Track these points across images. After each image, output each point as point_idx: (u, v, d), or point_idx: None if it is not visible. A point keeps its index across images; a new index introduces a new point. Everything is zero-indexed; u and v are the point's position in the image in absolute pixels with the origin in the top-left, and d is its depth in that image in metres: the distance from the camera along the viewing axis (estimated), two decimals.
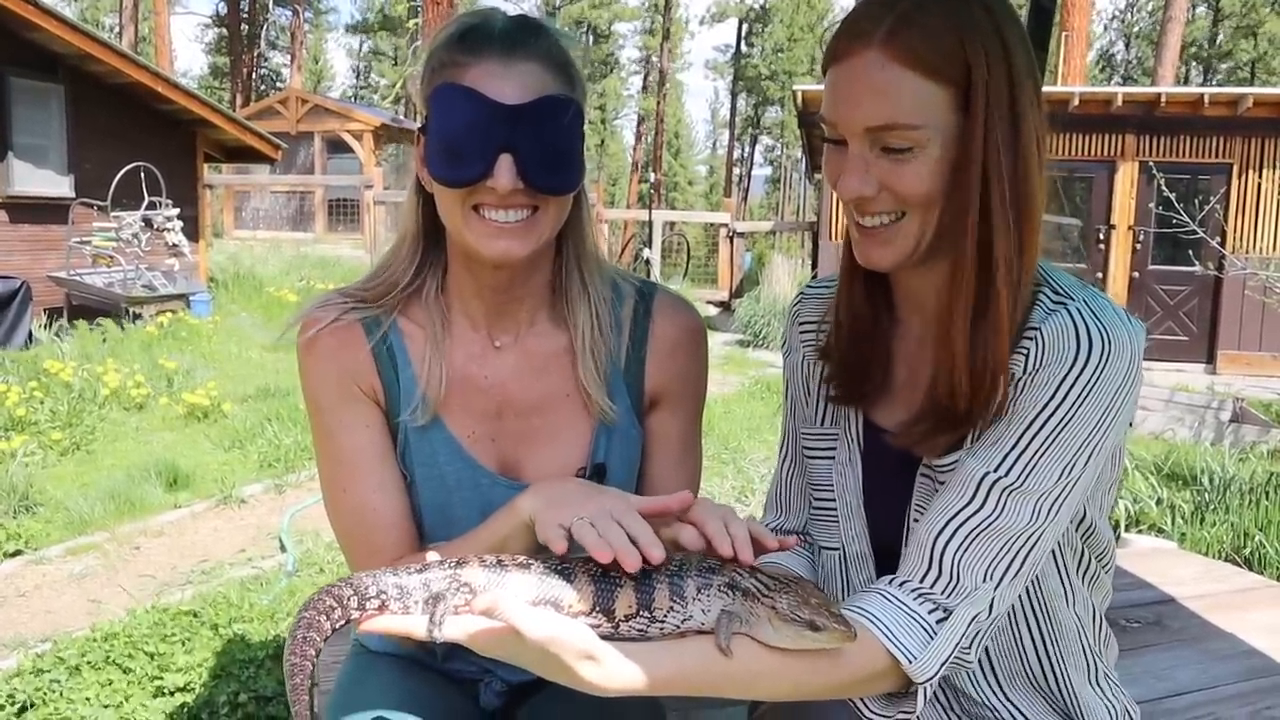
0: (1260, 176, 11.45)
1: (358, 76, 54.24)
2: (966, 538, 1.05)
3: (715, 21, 49.09)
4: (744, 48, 50.27)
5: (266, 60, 43.80)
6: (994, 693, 1.22)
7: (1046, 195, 1.07)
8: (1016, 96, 1.03)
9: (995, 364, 1.05)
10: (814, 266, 13.22)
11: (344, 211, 19.46)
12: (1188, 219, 7.42)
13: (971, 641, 1.05)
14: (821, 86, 1.09)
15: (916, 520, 1.16)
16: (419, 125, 1.23)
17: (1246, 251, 11.06)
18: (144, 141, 11.01)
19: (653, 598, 0.96)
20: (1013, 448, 1.05)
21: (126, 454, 6.02)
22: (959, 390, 1.06)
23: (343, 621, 0.96)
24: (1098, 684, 1.24)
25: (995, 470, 1.05)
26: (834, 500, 1.26)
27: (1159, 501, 4.88)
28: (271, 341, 9.88)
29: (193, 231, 11.73)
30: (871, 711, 1.08)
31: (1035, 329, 1.06)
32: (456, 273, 1.29)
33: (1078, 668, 1.22)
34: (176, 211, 10.80)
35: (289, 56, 38.63)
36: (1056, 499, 1.05)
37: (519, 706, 1.36)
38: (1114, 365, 1.02)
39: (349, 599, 0.96)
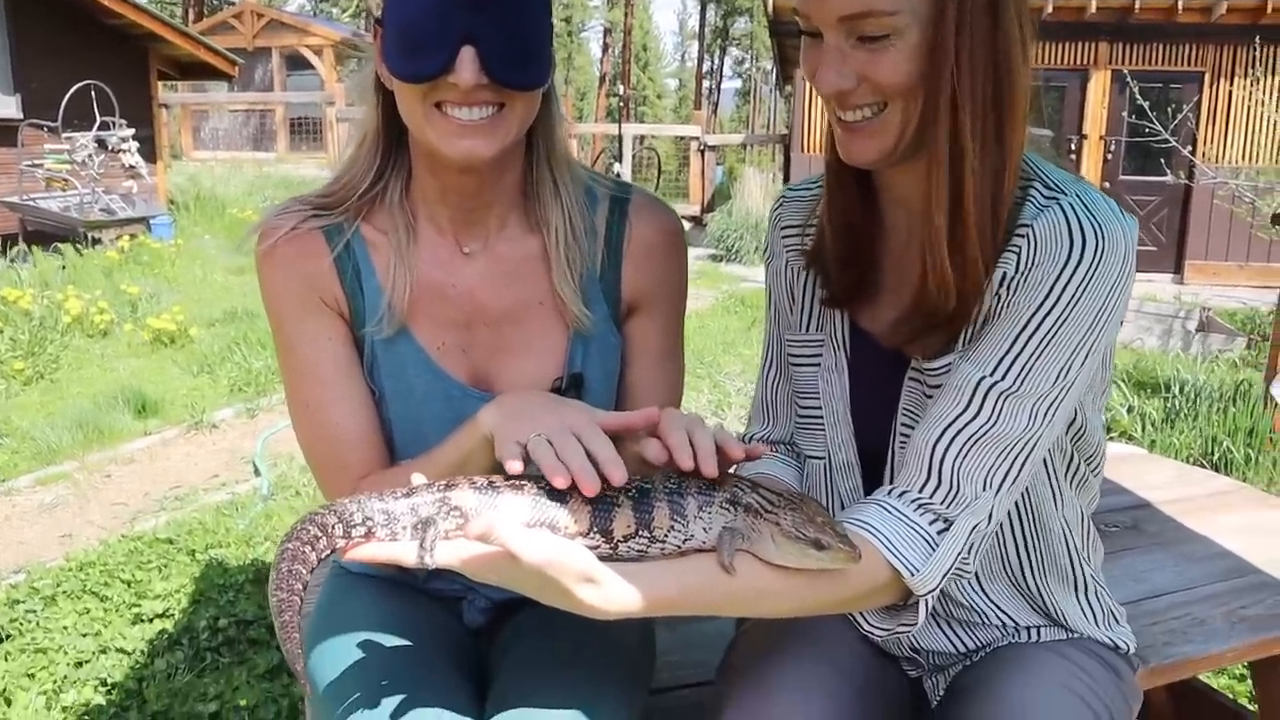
0: (1232, 85, 11.39)
1: None
2: (964, 445, 1.02)
3: None
4: None
5: None
6: (975, 591, 1.22)
7: (1030, 85, 1.02)
8: None
9: (973, 257, 1.02)
10: (786, 180, 13.09)
11: (306, 130, 19.00)
12: (1160, 128, 7.40)
13: (971, 550, 1.03)
14: None
15: (905, 426, 1.14)
16: (376, 17, 1.16)
17: (1217, 161, 11.06)
18: (93, 59, 10.62)
19: (652, 516, 0.93)
20: (1007, 351, 1.02)
21: (92, 382, 5.92)
22: (944, 287, 1.03)
23: (328, 551, 0.92)
24: (1081, 591, 1.24)
25: (991, 375, 1.02)
26: (820, 408, 1.24)
27: (1129, 409, 4.94)
28: (234, 257, 9.71)
29: (150, 153, 11.41)
30: (870, 625, 1.07)
31: (1027, 225, 1.02)
32: (420, 176, 1.23)
33: (1060, 575, 1.22)
34: (131, 132, 10.49)
35: None
36: (1053, 402, 1.02)
37: (504, 623, 1.34)
38: (1108, 262, 0.99)
39: (333, 526, 0.92)
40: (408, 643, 1.20)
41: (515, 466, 0.94)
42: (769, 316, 1.34)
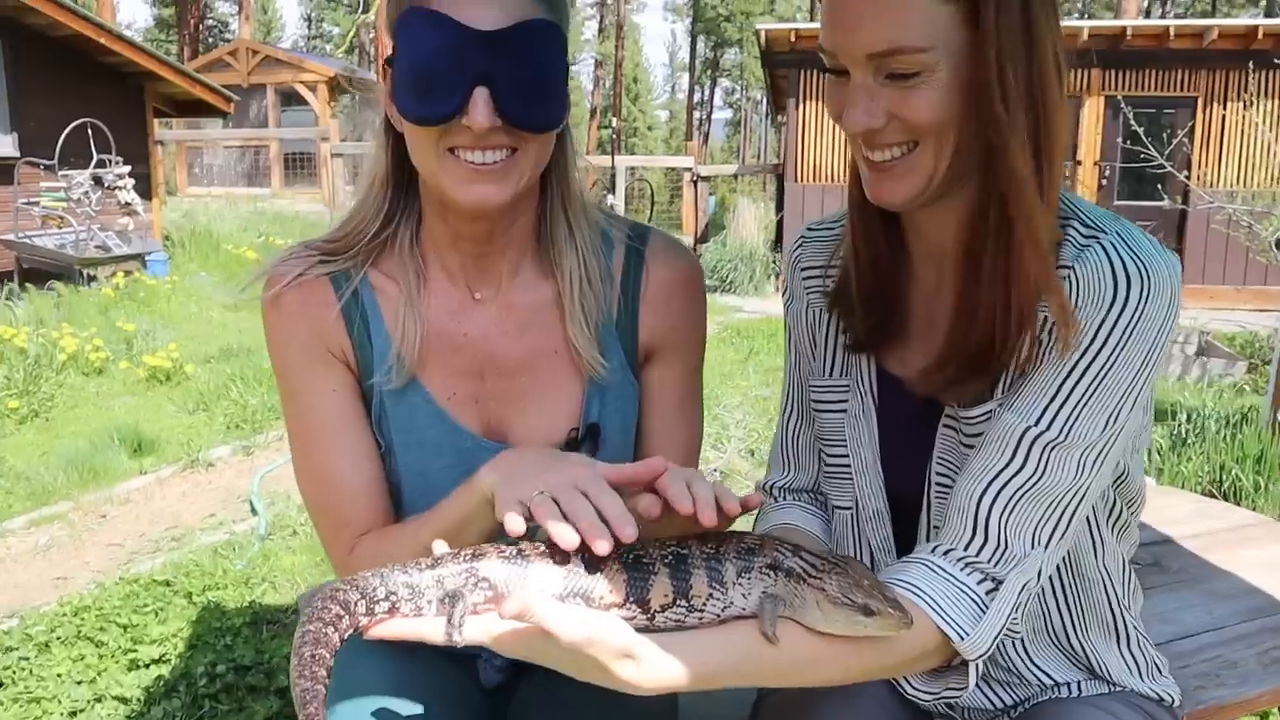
0: (1225, 109, 11.45)
1: (309, 25, 52.94)
2: (1011, 499, 0.98)
3: None
4: None
5: (212, 10, 42.59)
6: (1017, 653, 1.16)
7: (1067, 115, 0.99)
8: (1028, 1, 0.94)
9: (1014, 302, 0.98)
10: (779, 210, 13.11)
11: (300, 165, 19.04)
12: (1155, 153, 7.40)
13: (1019, 610, 0.99)
14: (785, 26, 1.01)
15: (941, 474, 1.09)
16: (385, 57, 1.12)
17: (1212, 185, 11.09)
18: (90, 96, 10.63)
19: (690, 584, 0.89)
20: (1052, 399, 0.98)
21: (87, 420, 5.85)
22: (985, 332, 0.99)
23: (351, 630, 0.87)
24: (1124, 642, 1.19)
25: (1035, 425, 0.98)
26: (847, 456, 1.19)
27: None
28: (233, 299, 9.65)
29: (145, 189, 11.39)
30: (915, 689, 1.02)
31: (1068, 267, 0.98)
32: (431, 221, 1.20)
33: (1103, 627, 1.17)
34: (128, 169, 10.48)
35: (236, 6, 37.51)
36: (1101, 451, 0.98)
37: (521, 681, 1.29)
38: (1155, 303, 0.95)
39: (355, 604, 0.87)
40: (421, 707, 1.15)
41: (517, 527, 0.89)
42: (789, 360, 1.30)
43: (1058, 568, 1.12)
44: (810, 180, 12.35)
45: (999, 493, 0.98)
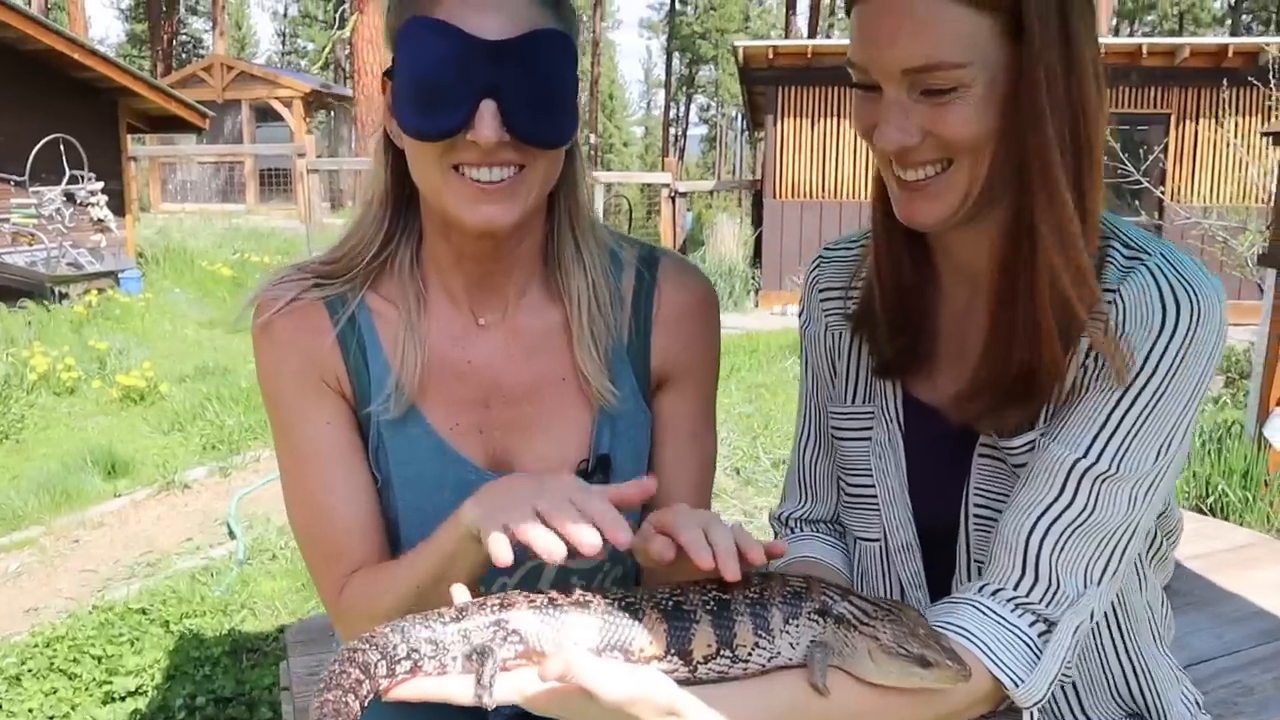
0: (1198, 126, 11.58)
1: (284, 42, 52.77)
2: (1061, 536, 0.94)
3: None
4: (678, 5, 49.80)
5: (186, 26, 42.36)
6: (1066, 700, 1.11)
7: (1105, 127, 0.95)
8: (1068, 14, 0.91)
9: (1052, 327, 0.93)
10: (757, 225, 13.11)
11: (276, 181, 18.91)
12: (1132, 169, 7.45)
13: (1073, 653, 0.94)
14: (763, 43, 0.97)
15: (980, 506, 1.05)
16: (385, 69, 1.07)
17: (1188, 200, 11.19)
18: (62, 111, 10.48)
19: (734, 633, 0.83)
20: (1100, 429, 0.93)
21: (59, 442, 5.73)
22: (1024, 358, 0.94)
23: (371, 695, 0.81)
24: (1170, 682, 1.15)
25: (1084, 457, 0.94)
26: (872, 486, 1.14)
27: None
28: (204, 311, 9.55)
29: (118, 205, 11.23)
30: None
31: (1113, 290, 0.94)
32: (432, 241, 1.14)
33: (1153, 665, 1.12)
34: (100, 185, 10.36)
35: (210, 22, 37.31)
36: (1152, 483, 0.94)
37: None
38: (1205, 328, 0.92)
39: (375, 665, 0.81)
40: None
41: (502, 554, 0.83)
42: (805, 386, 1.25)
43: (1110, 607, 1.08)
44: (789, 196, 12.37)
45: (1049, 529, 0.94)
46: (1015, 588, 0.94)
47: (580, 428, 1.17)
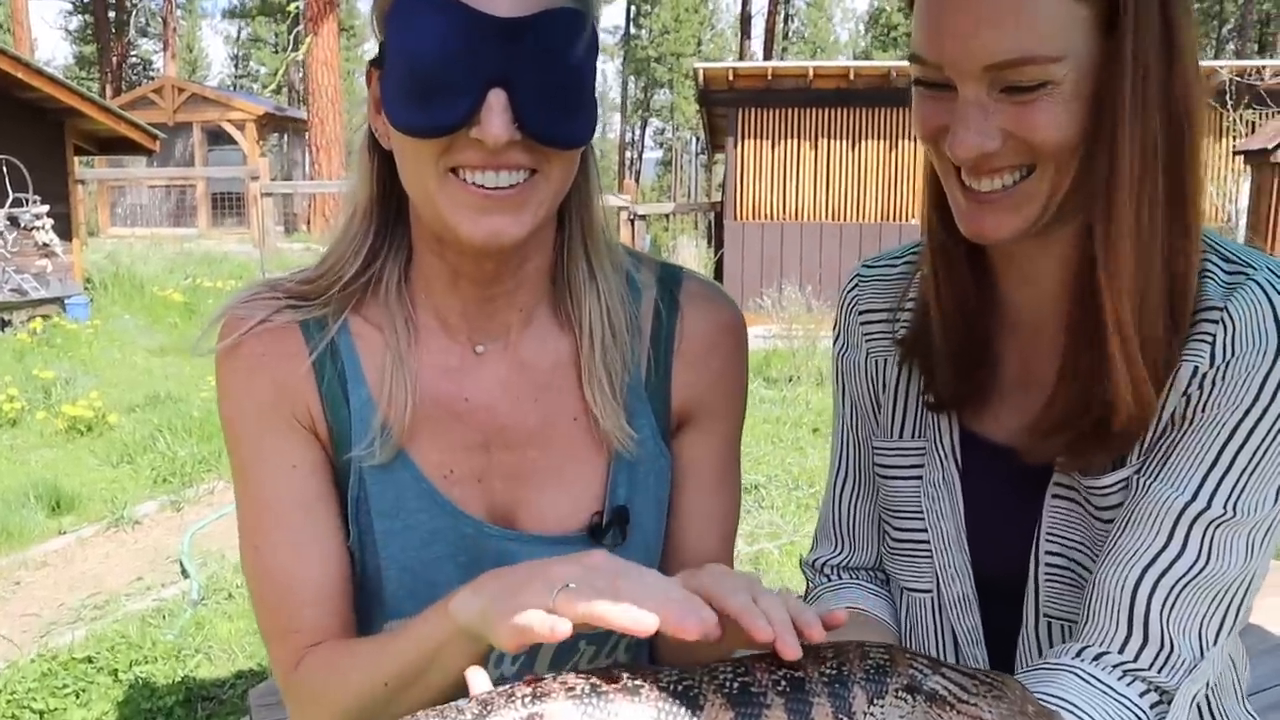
0: None
1: (236, 65, 52.22)
2: (1172, 590, 0.82)
3: (605, 2, 48.83)
4: (632, 29, 50.07)
5: (136, 48, 41.77)
6: None
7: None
8: (1168, 3, 0.81)
9: (1150, 354, 0.83)
10: (718, 248, 13.07)
11: (229, 205, 18.60)
12: None
13: None
14: (723, 65, 0.85)
15: (1053, 554, 0.93)
16: (372, 58, 0.93)
17: None
18: (6, 132, 10.16)
19: (811, 717, 0.70)
20: (1211, 468, 0.83)
21: (1, 476, 5.47)
22: (1105, 393, 0.83)
23: None
24: None
25: (1194, 500, 0.83)
26: (923, 530, 1.03)
27: None
28: (154, 338, 9.28)
29: (65, 229, 10.91)
30: None
31: (1217, 309, 0.84)
32: (424, 258, 1.00)
33: None
34: (46, 209, 10.06)
35: (161, 44, 36.86)
36: (1270, 527, 0.84)
37: None
38: None
39: None
40: None
41: (560, 627, 0.70)
42: (841, 418, 1.13)
43: None
44: (750, 218, 12.35)
45: (1157, 582, 0.83)
46: (1121, 651, 0.83)
47: (593, 475, 1.03)
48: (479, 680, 0.72)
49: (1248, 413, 0.82)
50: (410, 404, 0.98)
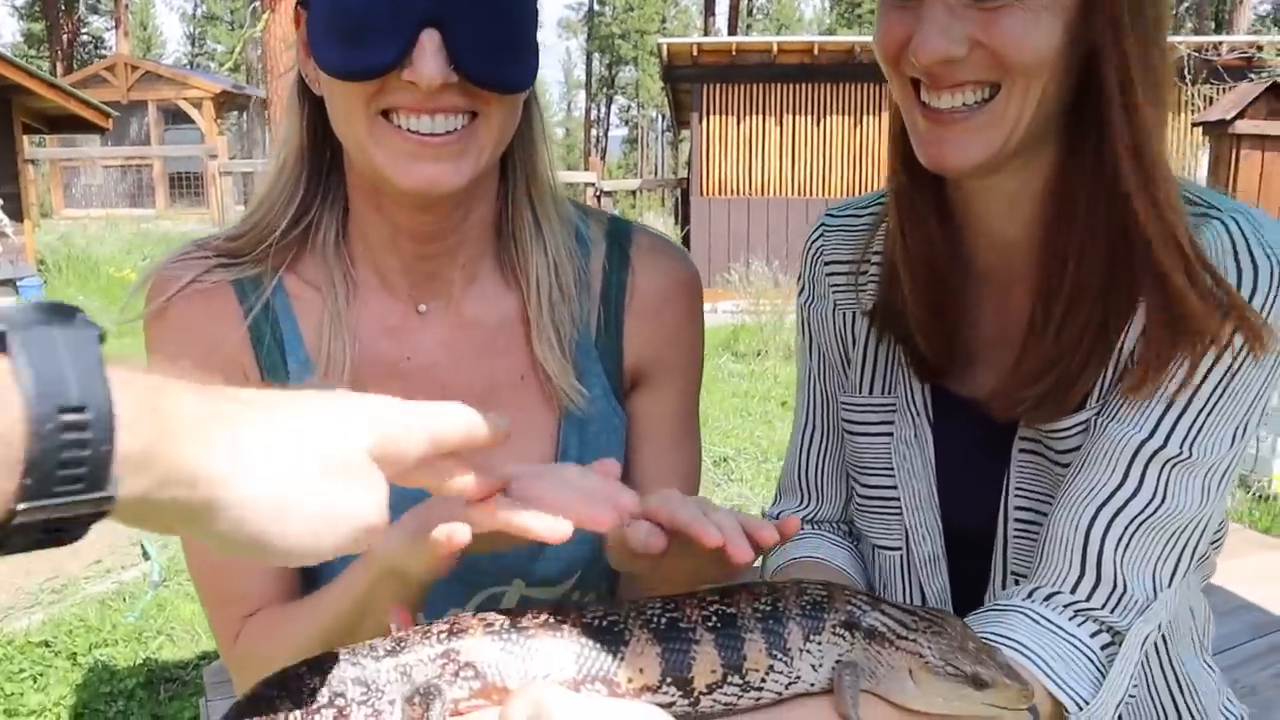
0: None
1: (192, 43, 51.23)
2: (1127, 530, 0.81)
3: None
4: (596, 6, 49.69)
5: (87, 25, 40.87)
6: None
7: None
8: None
9: (1121, 291, 0.82)
10: (685, 224, 13.04)
11: (186, 185, 18.25)
12: None
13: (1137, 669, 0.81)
14: (687, 40, 0.82)
15: (1022, 509, 0.92)
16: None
17: None
18: None
19: (743, 655, 0.68)
20: (1168, 407, 0.81)
21: None
22: (1092, 334, 0.82)
23: None
24: (1220, 696, 1.03)
25: (1151, 438, 0.81)
26: (893, 487, 1.01)
27: None
28: (115, 322, 9.10)
29: (16, 210, 10.68)
30: None
31: None
32: (361, 212, 0.96)
33: (1199, 676, 1.01)
34: None
35: (113, 21, 36.06)
36: (1226, 470, 0.83)
37: None
38: None
39: (286, 718, 0.63)
40: None
41: (459, 534, 0.68)
42: (807, 370, 1.10)
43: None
44: (716, 194, 12.32)
45: (1111, 521, 0.81)
46: (1073, 591, 0.82)
47: (543, 435, 1.01)
48: (398, 620, 0.69)
49: (1206, 354, 0.80)
50: (348, 364, 0.95)
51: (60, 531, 0.43)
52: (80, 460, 0.41)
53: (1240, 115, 6.80)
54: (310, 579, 1.00)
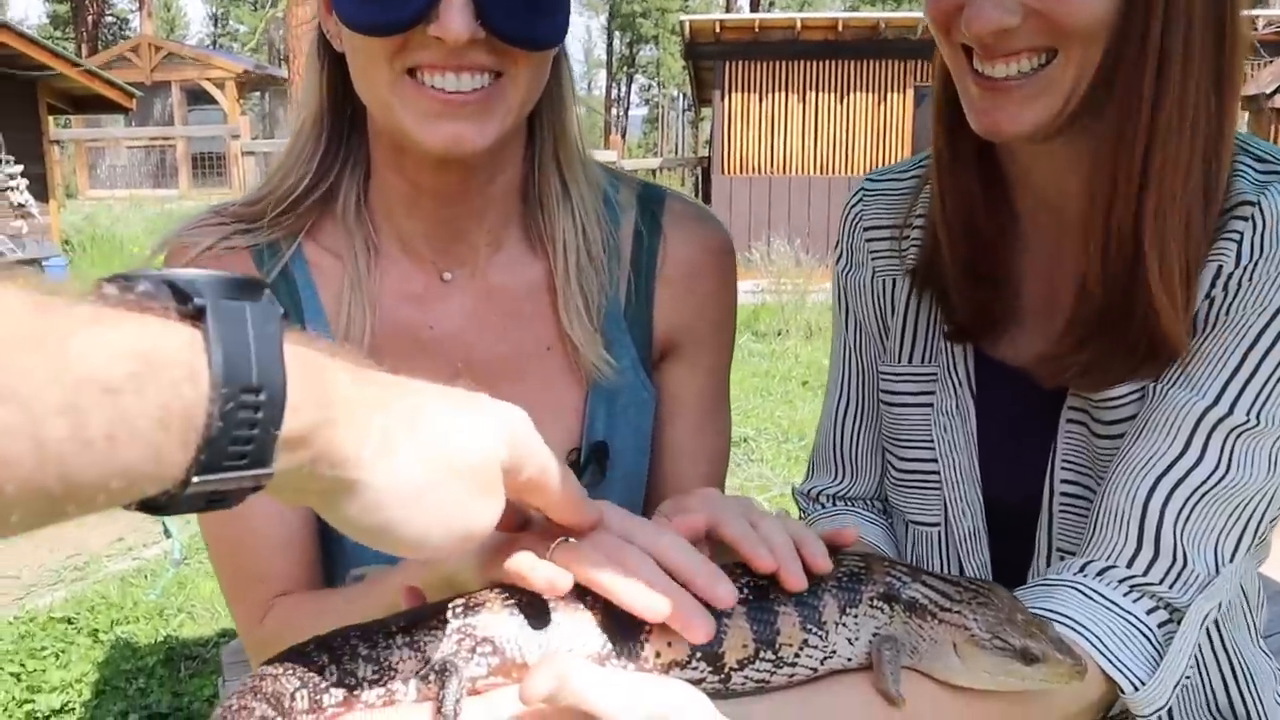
0: None
1: (215, 24, 51.40)
2: (1188, 501, 0.76)
3: None
4: None
5: (112, 7, 41.01)
6: None
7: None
8: None
9: (1177, 256, 0.77)
10: (706, 202, 12.97)
11: (209, 165, 18.31)
12: None
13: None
14: (709, 17, 0.77)
15: (1069, 482, 0.87)
16: None
17: None
18: None
19: (776, 629, 0.64)
20: (1235, 373, 0.76)
21: None
22: (1139, 299, 0.77)
23: None
24: (1272, 673, 0.99)
25: (1215, 405, 0.77)
26: (933, 461, 0.96)
27: None
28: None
29: (41, 191, 10.74)
30: None
31: (1249, 205, 0.77)
32: (383, 175, 0.93)
33: (1255, 661, 0.96)
34: (20, 169, 9.89)
35: (137, 2, 36.17)
36: None
37: None
38: None
39: (292, 696, 0.58)
40: None
41: (561, 583, 0.61)
42: (843, 341, 1.06)
43: None
44: (738, 172, 12.23)
45: (1172, 492, 0.77)
46: (1130, 565, 0.77)
47: (570, 408, 0.97)
48: (411, 596, 0.66)
49: (1276, 315, 0.76)
50: (369, 331, 0.91)
51: (220, 501, 0.44)
52: (249, 439, 0.43)
53: (1278, 90, 6.65)
54: (327, 565, 0.97)
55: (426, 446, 0.52)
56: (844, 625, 0.65)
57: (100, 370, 0.37)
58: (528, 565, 0.61)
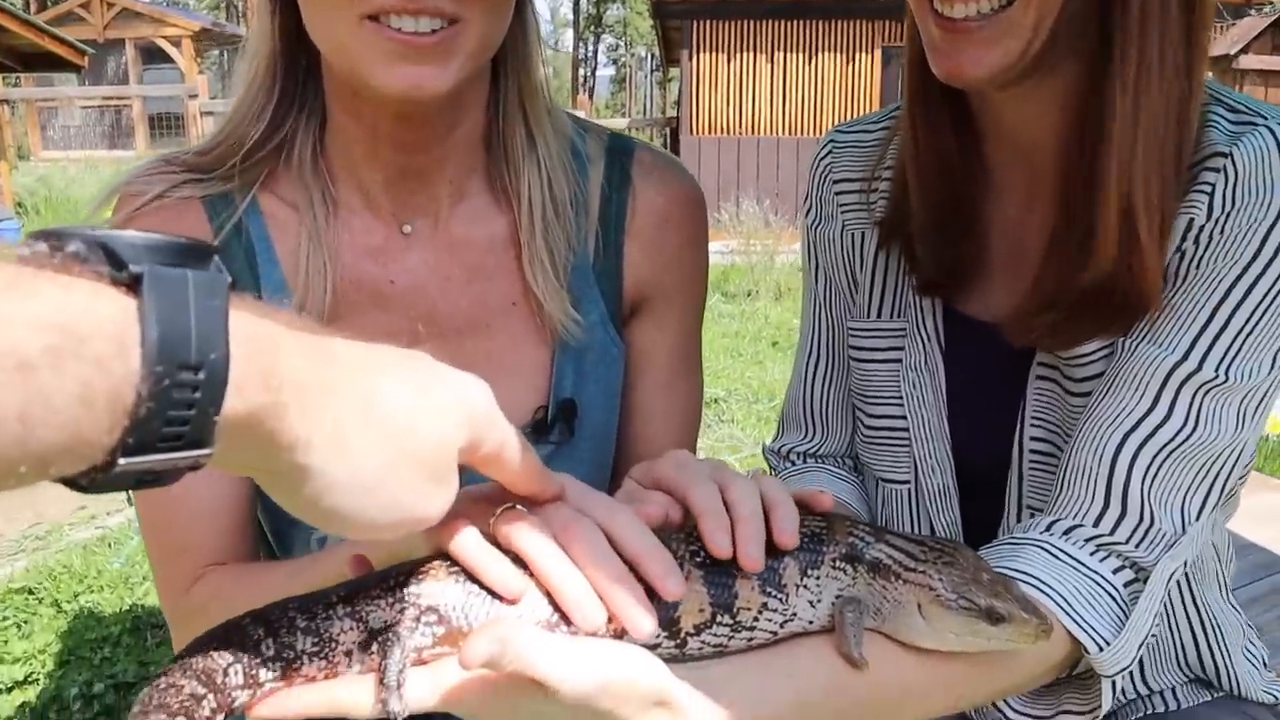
0: None
1: None
2: (1155, 458, 0.75)
3: None
4: None
5: None
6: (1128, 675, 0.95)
7: None
8: None
9: (1148, 209, 0.75)
10: None
11: (167, 125, 17.97)
12: None
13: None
14: None
15: (1038, 439, 0.87)
16: None
17: None
18: None
19: (734, 592, 0.63)
20: (1204, 328, 0.76)
21: None
22: (1109, 254, 0.76)
23: (222, 716, 0.55)
24: (1240, 636, 0.99)
25: (1185, 360, 0.76)
26: (902, 418, 0.95)
27: None
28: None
29: None
30: (1016, 711, 0.79)
31: (1220, 155, 0.76)
32: (341, 123, 0.89)
33: (1225, 616, 0.97)
34: None
35: None
36: (1264, 396, 0.77)
37: None
38: None
39: (225, 672, 0.55)
40: None
41: (510, 582, 0.59)
42: (812, 297, 1.05)
43: None
44: (706, 132, 12.16)
45: (1139, 449, 0.76)
46: (1096, 524, 0.77)
47: (536, 366, 0.94)
48: (355, 565, 0.63)
49: (1246, 269, 0.75)
50: (329, 287, 0.88)
51: (154, 480, 0.41)
52: (185, 419, 0.39)
53: (1244, 50, 6.68)
54: (286, 535, 0.94)
55: (380, 436, 0.50)
56: (805, 588, 0.64)
57: (12, 343, 0.33)
58: (482, 561, 0.59)
